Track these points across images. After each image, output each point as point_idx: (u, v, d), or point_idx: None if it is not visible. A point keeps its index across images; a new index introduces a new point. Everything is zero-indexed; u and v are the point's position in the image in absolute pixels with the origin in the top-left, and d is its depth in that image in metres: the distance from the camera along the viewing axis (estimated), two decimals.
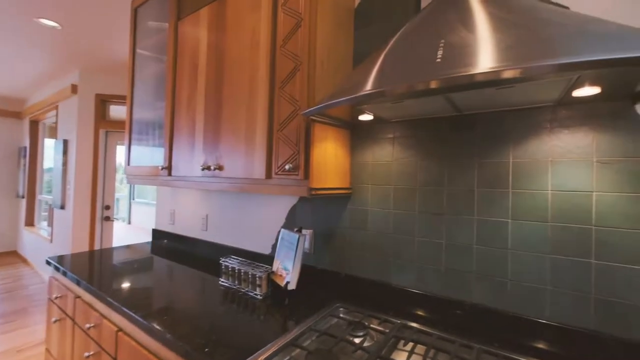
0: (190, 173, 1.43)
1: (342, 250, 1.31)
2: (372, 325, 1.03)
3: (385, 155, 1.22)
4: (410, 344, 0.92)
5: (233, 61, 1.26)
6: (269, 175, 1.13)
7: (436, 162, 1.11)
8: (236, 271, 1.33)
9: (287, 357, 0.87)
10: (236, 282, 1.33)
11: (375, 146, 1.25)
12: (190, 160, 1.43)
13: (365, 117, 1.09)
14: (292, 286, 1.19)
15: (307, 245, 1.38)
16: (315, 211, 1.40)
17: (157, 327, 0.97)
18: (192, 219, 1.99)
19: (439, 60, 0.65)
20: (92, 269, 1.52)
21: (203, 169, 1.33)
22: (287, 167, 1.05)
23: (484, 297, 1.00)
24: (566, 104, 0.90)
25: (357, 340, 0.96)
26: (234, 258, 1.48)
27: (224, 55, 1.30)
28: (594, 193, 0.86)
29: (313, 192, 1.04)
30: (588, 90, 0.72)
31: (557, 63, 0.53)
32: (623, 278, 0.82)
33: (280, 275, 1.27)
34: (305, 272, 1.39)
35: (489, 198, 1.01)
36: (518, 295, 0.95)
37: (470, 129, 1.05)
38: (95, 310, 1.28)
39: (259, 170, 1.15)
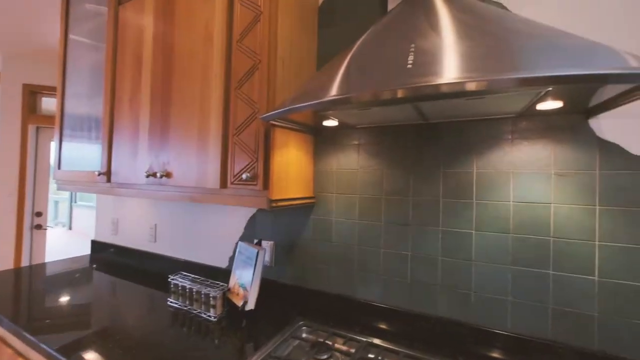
0: (133, 180, 1.26)
1: (305, 263, 1.24)
2: (336, 345, 0.96)
3: (350, 162, 1.16)
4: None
5: (183, 55, 1.12)
6: (223, 184, 1.02)
7: (402, 171, 1.07)
8: (187, 290, 1.19)
9: None
10: (187, 303, 1.19)
11: (340, 153, 1.19)
12: (133, 166, 1.26)
13: (330, 122, 1.02)
14: (250, 306, 1.08)
15: (267, 258, 1.28)
16: (277, 221, 1.31)
17: None
18: (138, 228, 1.78)
19: (410, 65, 0.60)
20: (9, 292, 1.28)
21: (148, 176, 1.17)
22: (244, 176, 0.94)
23: (449, 309, 0.99)
24: (527, 116, 0.91)
25: None
26: (185, 275, 1.34)
27: (173, 48, 1.15)
28: (552, 205, 0.88)
29: (273, 205, 0.94)
30: (551, 104, 0.72)
31: (533, 77, 0.50)
32: (578, 288, 0.84)
33: (238, 294, 1.16)
34: (266, 286, 1.29)
35: (454, 208, 0.99)
36: (481, 306, 0.94)
37: (436, 137, 1.02)
38: (9, 346, 1.06)
39: (213, 179, 1.03)
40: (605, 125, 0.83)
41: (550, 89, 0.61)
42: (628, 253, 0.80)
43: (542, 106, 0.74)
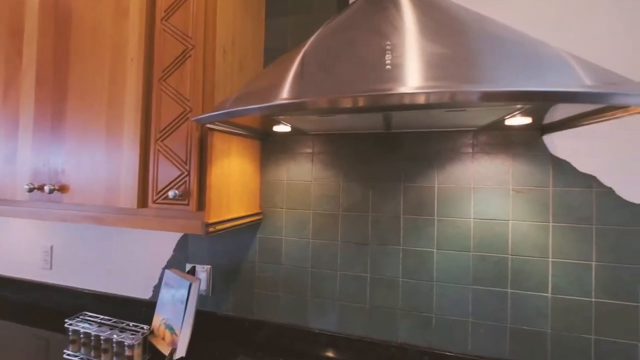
0: (9, 194, 0.93)
1: (250, 290, 1.06)
2: None
3: (303, 173, 1.02)
4: None
5: (85, 31, 0.85)
6: (142, 203, 0.79)
7: (361, 184, 0.97)
8: (92, 338, 0.91)
9: None
10: (93, 355, 0.91)
11: (291, 162, 1.04)
12: (10, 174, 0.93)
13: (281, 128, 0.87)
14: (181, 353, 0.87)
15: (203, 286, 1.07)
16: (215, 241, 1.10)
17: None
18: (26, 252, 1.38)
19: (389, 67, 0.48)
20: None
21: (32, 190, 0.87)
22: (171, 193, 0.73)
23: (410, 334, 0.91)
24: (487, 129, 0.88)
25: None
26: (89, 316, 1.04)
27: (70, 20, 0.87)
28: (510, 222, 0.86)
29: (211, 229, 0.75)
30: (520, 120, 0.68)
31: (524, 90, 0.42)
32: (533, 306, 0.84)
33: (164, 339, 0.93)
34: (202, 321, 1.07)
35: (416, 226, 0.92)
36: (442, 329, 0.89)
37: (398, 148, 0.95)
38: None
39: (128, 196, 0.79)
40: (558, 143, 0.84)
41: (530, 106, 0.55)
42: (576, 269, 0.81)
43: (510, 122, 0.70)
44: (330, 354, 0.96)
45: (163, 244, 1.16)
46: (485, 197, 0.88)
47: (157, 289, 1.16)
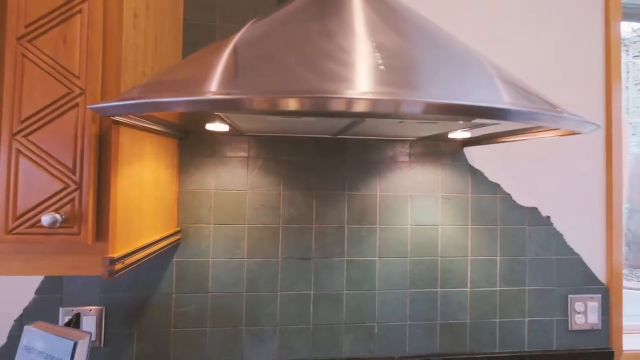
0: None
1: (165, 331, 0.83)
2: None
3: (237, 181, 0.86)
4: None
5: None
6: None
7: (303, 194, 0.89)
8: None
9: None
10: None
11: (220, 167, 0.86)
12: None
13: (218, 127, 0.69)
14: None
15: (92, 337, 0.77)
16: None
17: None
18: None
19: (382, 67, 0.42)
20: None
21: None
22: (46, 219, 0.47)
23: (353, 347, 0.89)
24: (421, 139, 0.93)
25: None
26: None
27: None
28: (440, 226, 0.94)
29: (118, 266, 0.53)
30: (461, 134, 0.74)
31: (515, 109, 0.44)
32: (457, 301, 0.93)
33: None
34: None
35: (359, 235, 0.90)
36: (384, 336, 0.90)
37: (341, 155, 0.90)
38: None
39: None
40: (474, 154, 0.96)
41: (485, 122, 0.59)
42: (487, 264, 0.95)
43: (453, 135, 0.75)
44: None
45: (16, 280, 0.79)
46: (419, 204, 0.93)
47: (5, 356, 0.77)
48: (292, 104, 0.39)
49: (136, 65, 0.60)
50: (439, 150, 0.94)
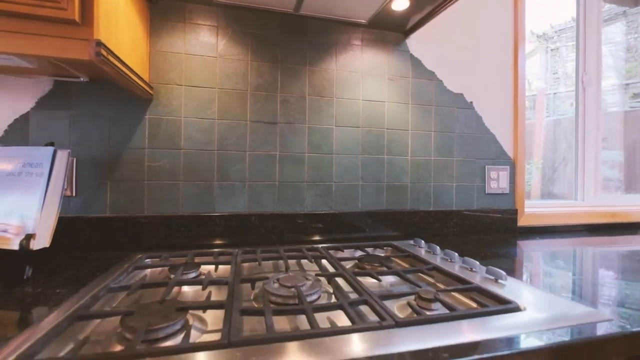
0: None
1: (138, 183, 0.89)
2: (204, 265, 0.75)
3: (207, 48, 0.94)
4: (267, 259, 0.77)
5: None
6: None
7: (269, 65, 0.99)
8: None
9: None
10: None
11: (190, 34, 0.92)
12: None
13: None
14: (42, 243, 0.65)
15: (62, 182, 0.80)
16: (81, 119, 0.85)
17: None
18: None
19: None
20: None
21: None
22: None
23: (314, 203, 1.03)
24: (372, 27, 1.07)
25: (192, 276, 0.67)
26: None
27: None
28: (386, 103, 1.10)
29: (103, 51, 0.59)
30: (401, 4, 0.89)
31: None
32: (400, 166, 1.12)
33: (4, 235, 0.66)
34: (66, 227, 0.81)
35: (319, 105, 1.03)
36: (340, 194, 1.06)
37: (302, 33, 1.02)
38: None
39: None
40: (414, 45, 1.13)
41: None
42: (424, 137, 1.14)
43: (395, 5, 0.90)
44: (244, 234, 0.95)
45: None
46: (370, 83, 1.08)
47: None
48: None
49: None
50: (386, 39, 1.10)
